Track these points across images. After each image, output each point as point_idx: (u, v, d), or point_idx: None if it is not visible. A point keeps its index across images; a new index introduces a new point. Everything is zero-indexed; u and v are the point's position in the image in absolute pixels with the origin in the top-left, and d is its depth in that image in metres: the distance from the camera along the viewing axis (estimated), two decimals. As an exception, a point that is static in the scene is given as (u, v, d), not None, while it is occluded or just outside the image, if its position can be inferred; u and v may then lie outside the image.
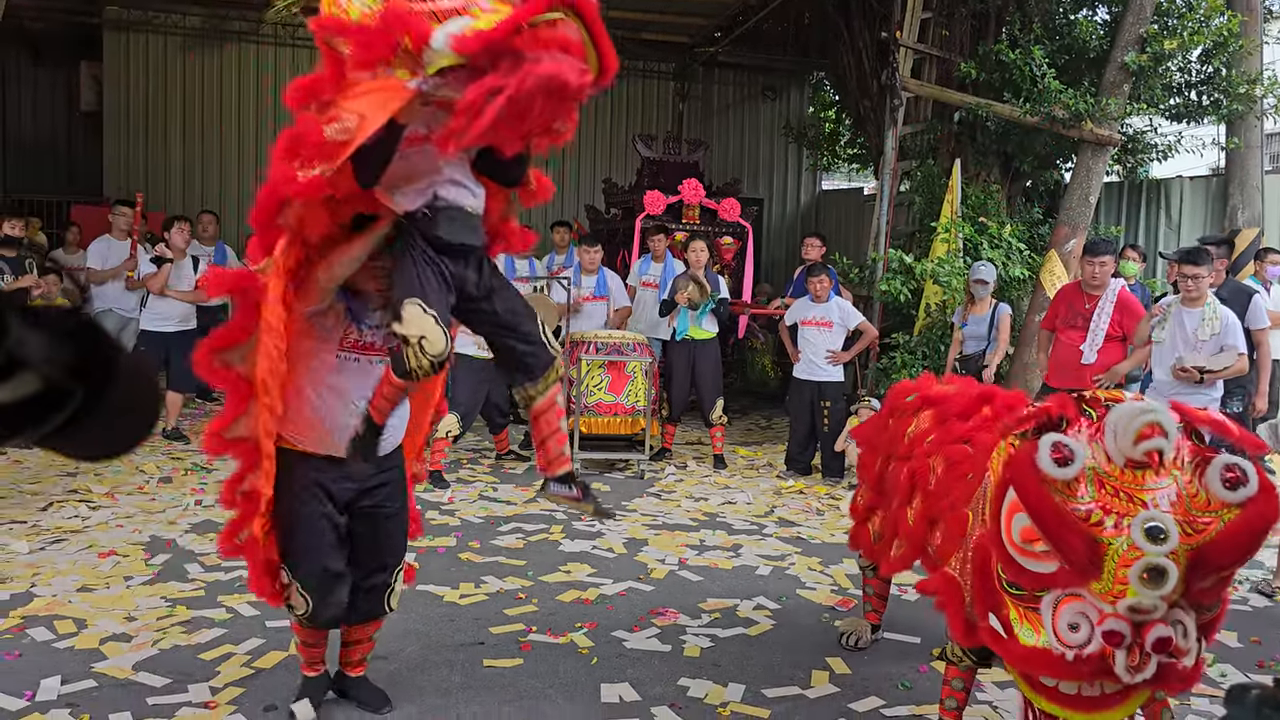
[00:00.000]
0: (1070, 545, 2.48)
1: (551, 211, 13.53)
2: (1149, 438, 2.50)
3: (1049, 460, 2.51)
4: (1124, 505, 2.48)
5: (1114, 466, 2.54)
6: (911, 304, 9.06)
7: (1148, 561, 2.37)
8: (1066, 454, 2.51)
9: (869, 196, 13.23)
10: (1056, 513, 2.50)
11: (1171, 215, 10.35)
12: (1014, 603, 2.70)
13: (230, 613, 4.51)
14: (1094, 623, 2.49)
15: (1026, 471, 2.54)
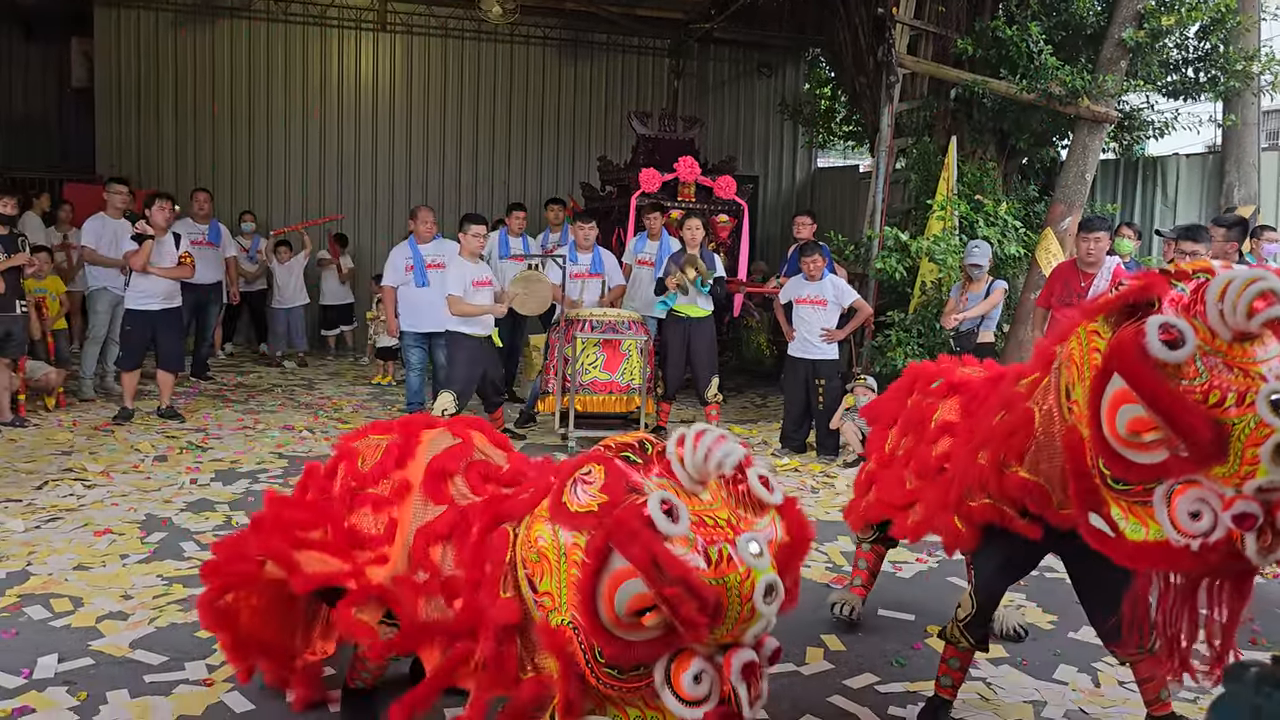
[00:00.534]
0: (1195, 431, 2.28)
1: (546, 189, 13.51)
2: (1263, 309, 2.28)
3: (1159, 344, 2.30)
4: (1240, 381, 2.27)
5: (1220, 340, 2.32)
6: (907, 282, 9.06)
7: (765, 579, 2.26)
8: (1177, 335, 2.30)
9: (864, 174, 13.20)
10: (1176, 399, 2.30)
11: (1167, 193, 10.34)
12: (1116, 498, 2.54)
13: (226, 591, 4.52)
14: (1218, 509, 2.32)
15: (1136, 358, 2.34)
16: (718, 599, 2.19)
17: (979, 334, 7.58)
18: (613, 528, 2.26)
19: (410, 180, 13.76)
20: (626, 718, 2.40)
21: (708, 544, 2.24)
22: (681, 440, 2.31)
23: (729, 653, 2.26)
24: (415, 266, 8.14)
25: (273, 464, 6.85)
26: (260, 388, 9.90)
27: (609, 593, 2.26)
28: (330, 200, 13.41)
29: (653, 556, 2.18)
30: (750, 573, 2.21)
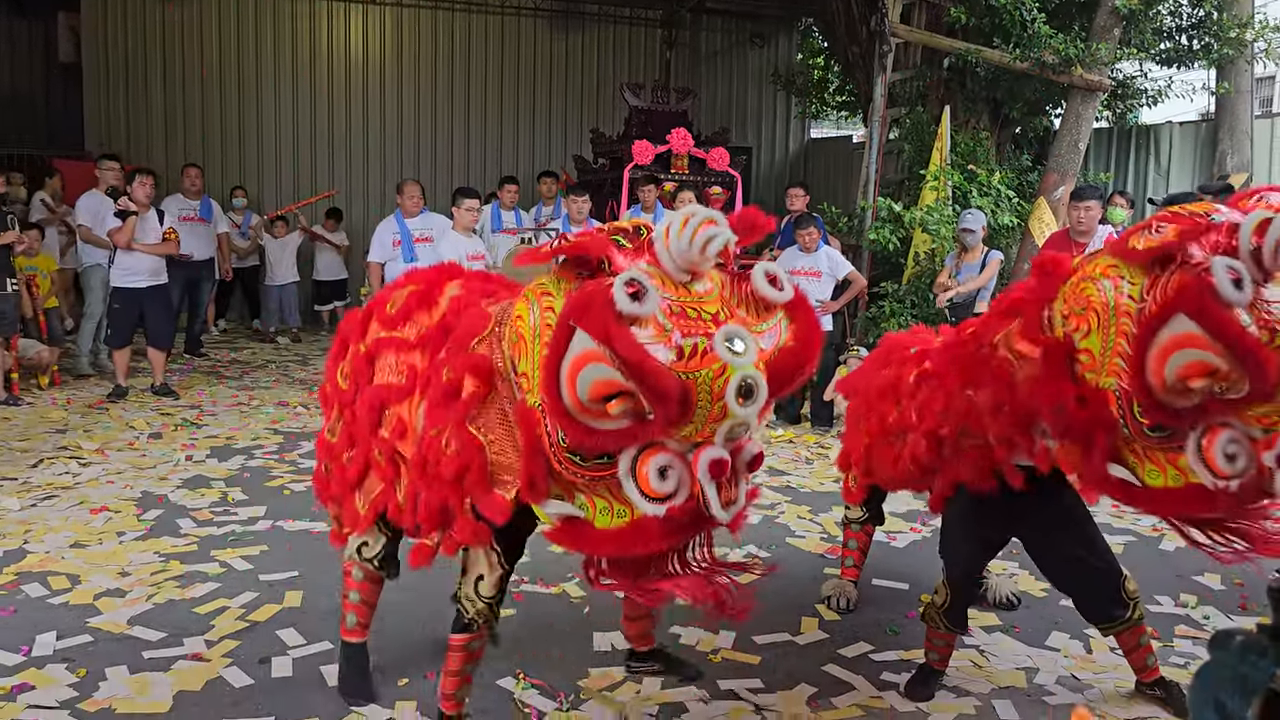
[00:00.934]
0: (1268, 368, 2.23)
1: (538, 162, 13.44)
2: None
3: (1228, 284, 2.26)
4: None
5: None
6: (900, 252, 9.06)
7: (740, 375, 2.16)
8: (1239, 275, 2.28)
9: (858, 144, 13.15)
10: (1250, 338, 2.25)
11: (1160, 161, 10.32)
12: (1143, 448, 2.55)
13: (224, 567, 4.54)
14: (1249, 450, 2.36)
15: (1208, 301, 2.28)
16: (683, 392, 2.08)
17: (976, 305, 7.58)
18: (573, 303, 2.17)
19: (402, 154, 13.69)
20: (594, 507, 2.31)
21: (683, 335, 2.13)
22: (669, 225, 2.21)
23: (698, 449, 2.17)
24: (402, 241, 8.04)
25: (268, 440, 6.85)
26: (254, 364, 9.89)
27: (571, 374, 2.15)
28: (321, 175, 13.35)
29: (607, 336, 2.07)
30: (725, 369, 2.10)
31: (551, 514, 2.38)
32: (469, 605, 2.93)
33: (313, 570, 4.53)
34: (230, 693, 3.42)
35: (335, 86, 13.46)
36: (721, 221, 2.21)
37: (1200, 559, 4.96)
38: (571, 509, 2.35)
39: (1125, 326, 2.48)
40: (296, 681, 3.52)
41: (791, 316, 2.28)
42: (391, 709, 3.34)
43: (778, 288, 2.26)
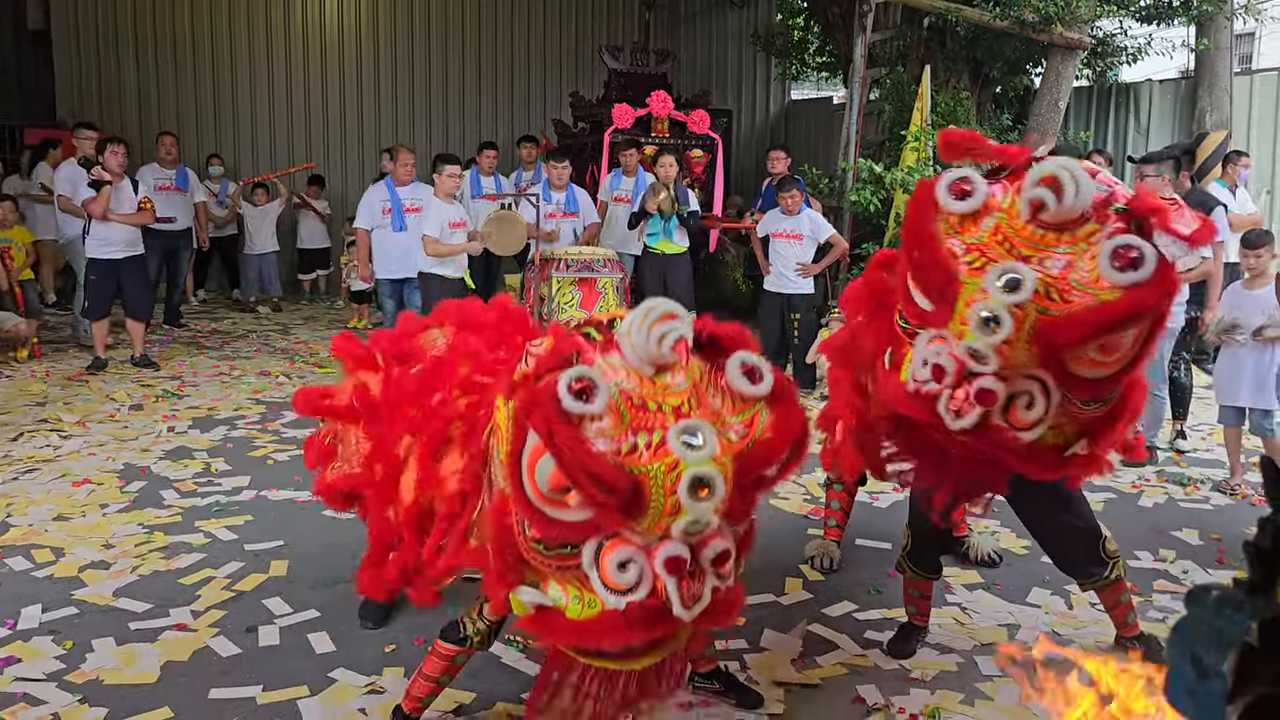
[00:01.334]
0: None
1: (517, 126, 13.32)
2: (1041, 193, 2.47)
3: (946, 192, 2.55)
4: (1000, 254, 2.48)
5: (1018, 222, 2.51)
6: (882, 214, 9.05)
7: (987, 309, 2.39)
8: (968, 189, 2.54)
9: (838, 105, 13.08)
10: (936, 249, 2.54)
11: (1140, 119, 10.32)
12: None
13: (208, 538, 4.53)
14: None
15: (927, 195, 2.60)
16: (633, 487, 2.08)
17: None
18: (523, 400, 2.17)
19: (379, 120, 13.53)
20: (566, 596, 2.31)
21: (639, 428, 2.13)
22: (630, 320, 2.21)
23: (657, 545, 2.15)
24: (393, 209, 7.97)
25: (250, 410, 6.83)
26: (235, 334, 9.83)
27: (530, 466, 2.17)
28: (298, 142, 13.18)
29: (549, 433, 2.08)
30: (678, 463, 2.09)
31: (525, 602, 2.38)
32: (469, 624, 2.93)
33: (298, 539, 4.53)
34: (218, 662, 3.43)
35: (310, 53, 13.27)
36: (681, 315, 2.23)
37: (1179, 515, 5.05)
38: (544, 599, 2.35)
39: None
40: (284, 650, 3.53)
41: (771, 408, 2.27)
42: (379, 674, 3.36)
43: (755, 381, 2.26)
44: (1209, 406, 7.18)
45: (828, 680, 3.40)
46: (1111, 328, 2.39)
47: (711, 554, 2.21)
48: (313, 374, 8.02)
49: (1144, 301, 2.37)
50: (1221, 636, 0.94)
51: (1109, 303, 2.38)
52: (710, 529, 2.18)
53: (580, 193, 8.64)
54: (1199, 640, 0.95)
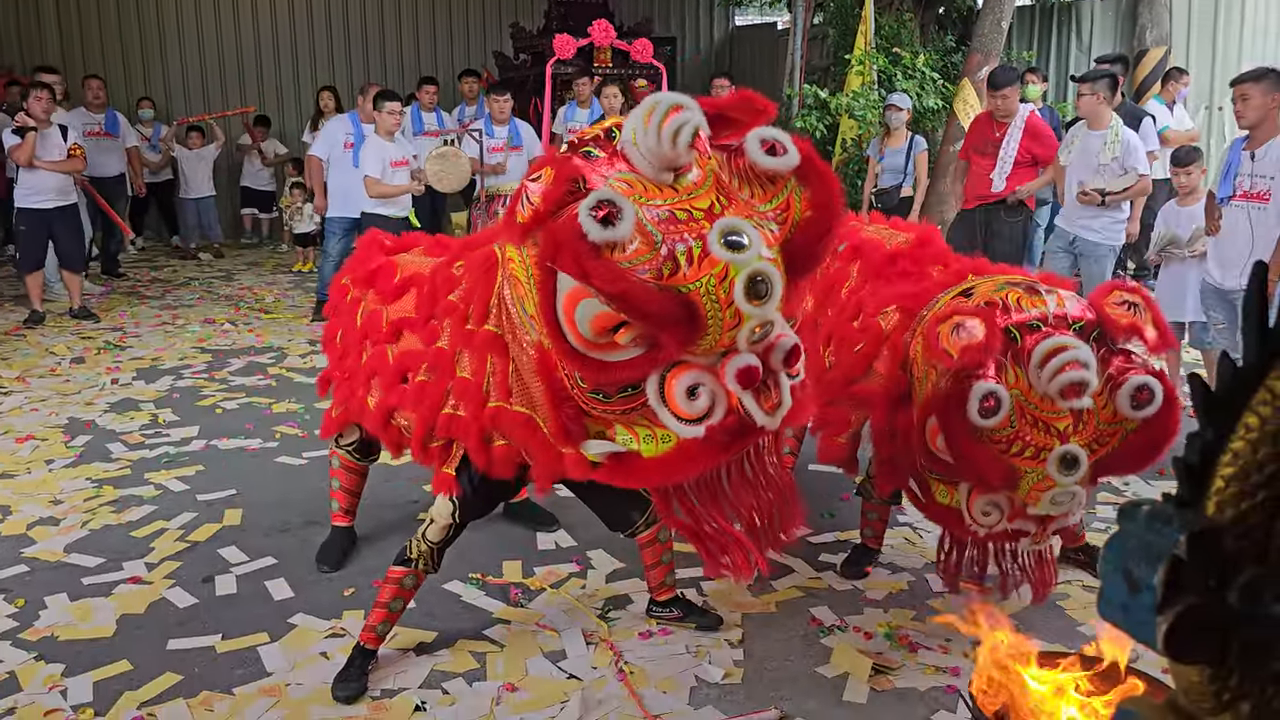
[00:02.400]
0: (990, 479, 2.67)
1: (457, 61, 13.04)
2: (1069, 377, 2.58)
3: (977, 411, 2.58)
4: (1041, 438, 2.63)
5: (1034, 393, 2.64)
6: (828, 140, 9.02)
7: (1060, 490, 2.62)
8: (993, 405, 2.59)
9: (783, 31, 12.94)
10: (980, 454, 2.64)
11: (1082, 38, 10.34)
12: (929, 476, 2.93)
13: (159, 489, 4.48)
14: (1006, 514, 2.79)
15: (954, 417, 2.62)
16: (685, 308, 1.91)
17: (901, 190, 7.62)
18: (544, 243, 1.95)
19: (315, 57, 13.15)
20: (636, 437, 2.19)
21: (674, 243, 1.93)
22: (634, 123, 2.00)
23: (724, 359, 2.00)
24: (355, 144, 7.66)
25: (195, 359, 6.72)
26: (176, 282, 9.63)
27: (568, 314, 1.99)
28: (231, 83, 12.79)
29: (584, 272, 1.88)
30: (728, 270, 1.92)
31: (595, 454, 2.26)
32: (415, 544, 2.98)
33: (250, 487, 4.50)
34: (175, 613, 3.42)
35: (239, -13, 12.82)
36: (689, 105, 1.99)
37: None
38: (614, 445, 2.23)
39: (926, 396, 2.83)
40: (242, 598, 3.52)
41: (803, 181, 2.07)
42: (339, 617, 3.37)
43: (779, 153, 2.03)
44: (1150, 322, 7.31)
45: (783, 604, 3.47)
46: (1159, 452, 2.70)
47: (780, 354, 2.06)
48: (258, 320, 7.90)
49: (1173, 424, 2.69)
50: (1151, 550, 0.96)
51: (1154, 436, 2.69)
52: (775, 330, 2.04)
53: (524, 126, 8.50)
54: (1130, 554, 0.98)
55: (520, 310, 2.26)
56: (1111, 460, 2.72)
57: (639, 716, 2.82)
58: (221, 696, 2.94)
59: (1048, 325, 2.71)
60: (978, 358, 2.62)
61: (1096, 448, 2.67)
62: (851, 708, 2.87)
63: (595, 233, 1.87)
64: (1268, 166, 4.71)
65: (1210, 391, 1.01)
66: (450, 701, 2.91)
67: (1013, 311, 2.75)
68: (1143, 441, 2.68)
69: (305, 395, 5.85)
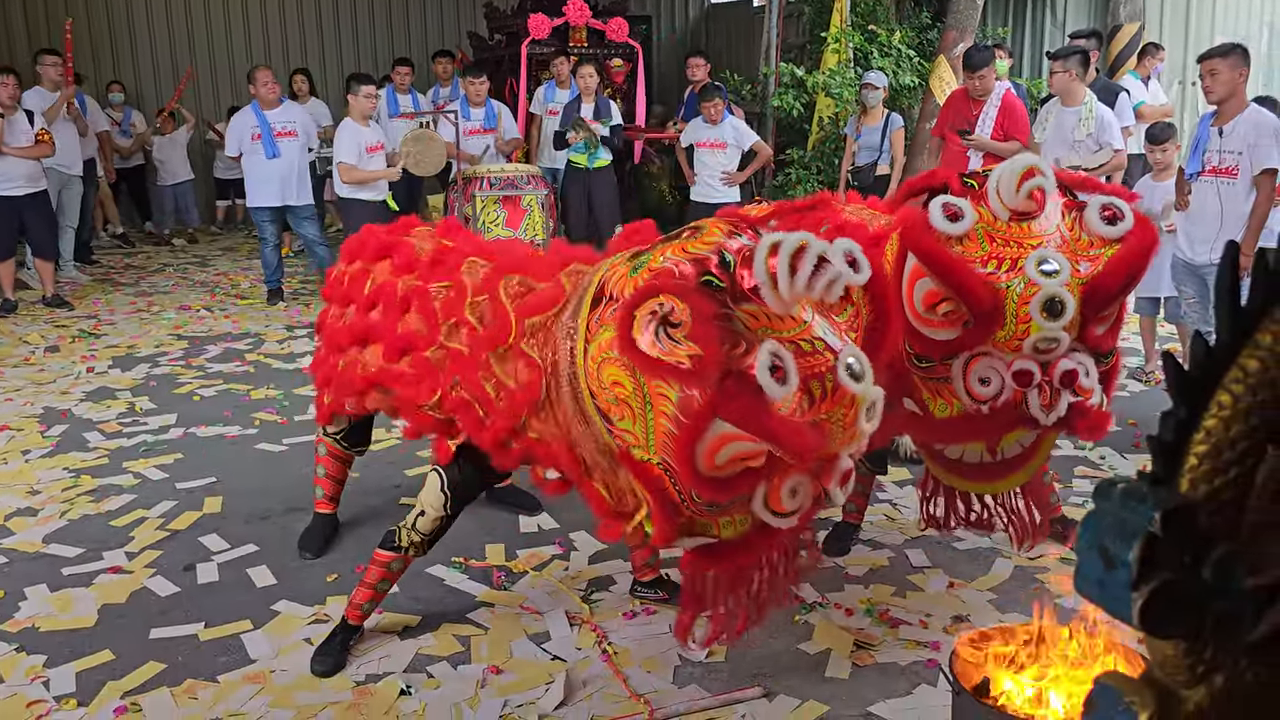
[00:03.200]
0: (974, 293, 2.59)
1: (431, 41, 12.93)
2: (1029, 178, 2.63)
3: (941, 217, 2.64)
4: (1015, 251, 2.64)
5: (1000, 222, 2.68)
6: (804, 118, 9.02)
7: (1045, 293, 2.54)
8: (955, 210, 2.65)
9: (758, 9, 12.90)
10: (955, 263, 2.61)
11: (1056, 14, 10.36)
12: (923, 382, 2.82)
13: (138, 478, 4.46)
14: (1003, 372, 2.69)
15: (921, 231, 2.64)
16: (824, 437, 2.14)
17: (877, 167, 7.64)
18: (718, 401, 2.05)
19: (286, 38, 13.02)
20: (718, 527, 2.34)
21: (808, 378, 2.11)
22: (773, 257, 2.06)
23: (828, 464, 2.24)
24: (262, 135, 7.62)
25: (172, 346, 6.67)
26: (150, 268, 9.54)
27: (711, 450, 2.11)
28: (202, 66, 12.63)
29: (768, 433, 2.05)
30: (855, 400, 2.16)
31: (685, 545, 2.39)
32: (404, 533, 2.97)
33: (230, 474, 4.48)
34: (157, 602, 3.41)
35: (209, -32, 12.65)
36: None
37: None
38: (705, 540, 2.37)
39: None
40: (224, 585, 3.52)
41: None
42: (322, 603, 3.37)
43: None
44: (1125, 297, 7.38)
45: (765, 582, 3.49)
46: (1141, 267, 2.65)
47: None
48: (234, 306, 7.85)
49: (1148, 238, 2.65)
50: (1126, 527, 0.98)
51: (1128, 248, 2.64)
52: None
53: (500, 108, 8.46)
54: (1105, 531, 0.99)
55: (592, 406, 2.32)
56: (1101, 280, 2.63)
57: (624, 696, 2.84)
58: (205, 684, 2.94)
59: None
60: (938, 176, 2.82)
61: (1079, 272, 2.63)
62: (834, 683, 2.90)
63: (774, 391, 2.04)
64: (1235, 142, 4.75)
65: (1183, 370, 1.02)
66: (435, 685, 2.92)
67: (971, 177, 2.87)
68: (1127, 254, 2.64)
69: (284, 381, 5.82)
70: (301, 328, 7.11)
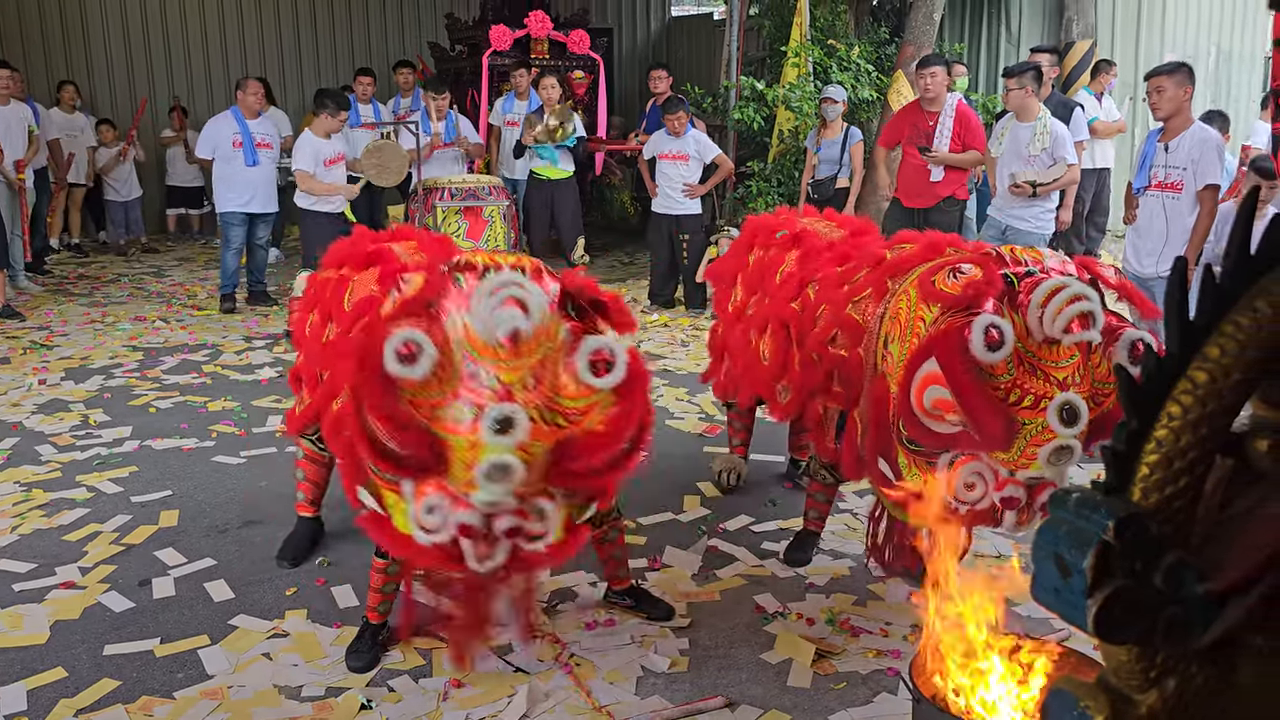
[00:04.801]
0: (990, 427, 2.51)
1: (392, 51, 12.88)
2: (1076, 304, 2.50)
3: (981, 345, 2.48)
4: (1041, 386, 2.54)
5: (1032, 341, 2.58)
6: (765, 131, 9.08)
7: (1059, 443, 2.49)
8: (998, 338, 2.49)
9: (719, 22, 13.00)
10: (982, 396, 2.50)
11: (1011, 30, 10.54)
12: (906, 452, 2.79)
13: (92, 492, 4.39)
14: (991, 485, 2.64)
15: (956, 353, 2.51)
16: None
17: (837, 180, 7.71)
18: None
19: (245, 48, 12.90)
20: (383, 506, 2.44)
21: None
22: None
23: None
24: (244, 143, 7.60)
25: (127, 357, 6.57)
26: (105, 279, 9.40)
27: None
28: (160, 74, 12.48)
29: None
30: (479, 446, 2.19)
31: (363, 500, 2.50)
32: None
33: (187, 488, 4.42)
34: (111, 618, 3.35)
35: (165, -25, 12.51)
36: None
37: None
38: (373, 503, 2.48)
39: (913, 345, 2.74)
40: (181, 600, 3.47)
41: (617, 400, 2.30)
42: (281, 617, 3.33)
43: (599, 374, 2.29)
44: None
45: (727, 592, 3.51)
46: None
47: (503, 526, 2.28)
48: (191, 317, 7.75)
49: None
50: (1081, 536, 1.00)
51: None
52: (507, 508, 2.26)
53: (462, 120, 8.46)
54: (1061, 540, 1.02)
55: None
56: (1108, 419, 2.64)
57: (587, 708, 2.84)
58: (161, 700, 2.89)
59: (1043, 272, 2.68)
60: (981, 289, 2.61)
61: (1093, 406, 2.59)
62: (795, 693, 2.92)
63: (392, 365, 2.14)
64: (1180, 158, 4.86)
65: (1135, 382, 1.05)
66: (396, 699, 2.90)
67: (1008, 261, 2.73)
68: None
69: (241, 393, 5.76)
70: (260, 338, 7.04)
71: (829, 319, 3.21)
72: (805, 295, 3.43)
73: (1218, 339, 1.03)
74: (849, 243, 3.49)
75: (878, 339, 2.91)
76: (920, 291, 2.77)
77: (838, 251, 3.43)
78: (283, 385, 5.92)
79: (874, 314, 2.98)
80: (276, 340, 6.95)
